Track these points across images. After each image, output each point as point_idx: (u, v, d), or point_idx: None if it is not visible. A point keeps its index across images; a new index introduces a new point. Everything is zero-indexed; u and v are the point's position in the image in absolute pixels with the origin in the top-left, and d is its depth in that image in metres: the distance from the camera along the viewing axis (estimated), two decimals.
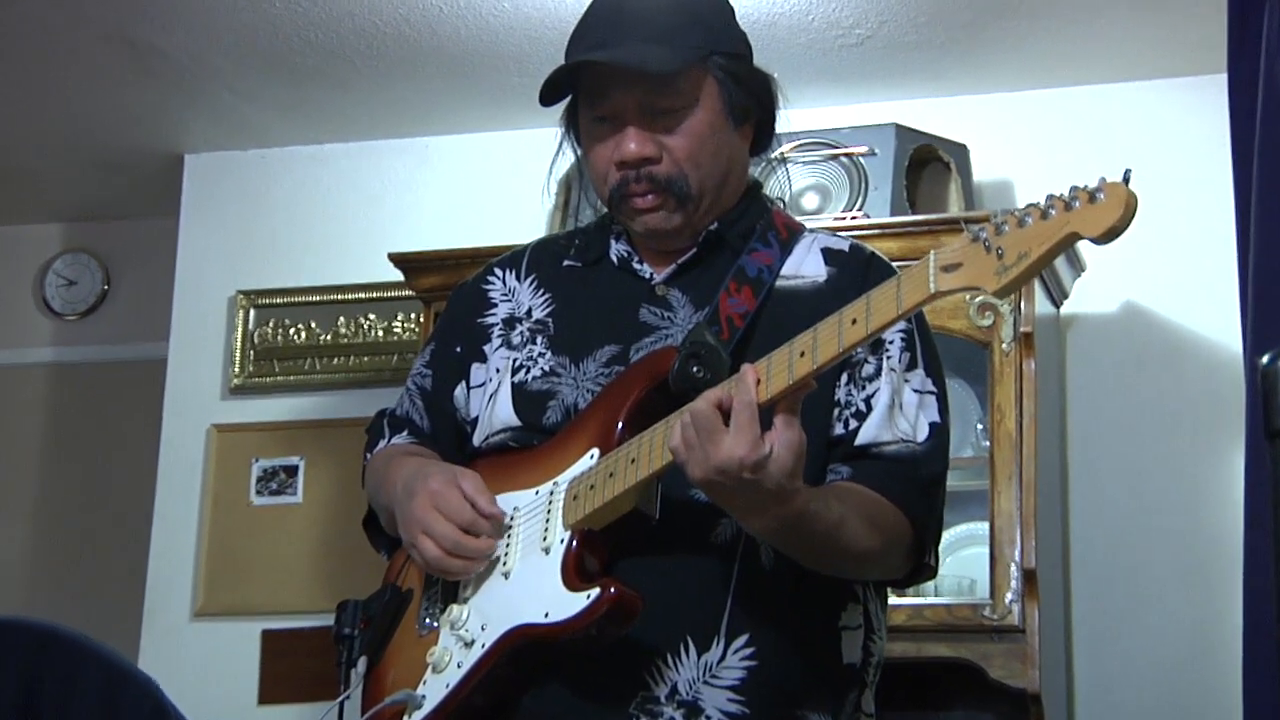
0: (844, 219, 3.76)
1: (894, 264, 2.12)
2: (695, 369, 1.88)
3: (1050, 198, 1.60)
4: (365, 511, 2.26)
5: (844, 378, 2.03)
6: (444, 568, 1.99)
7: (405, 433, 2.24)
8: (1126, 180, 1.56)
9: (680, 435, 1.79)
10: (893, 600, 3.51)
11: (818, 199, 3.89)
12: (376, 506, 2.21)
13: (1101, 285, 4.07)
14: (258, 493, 4.61)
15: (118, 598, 4.79)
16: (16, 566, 5.22)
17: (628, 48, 2.03)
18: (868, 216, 3.77)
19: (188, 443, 4.68)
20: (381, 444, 2.25)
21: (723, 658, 1.93)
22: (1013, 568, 3.49)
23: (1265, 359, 1.40)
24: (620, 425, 1.93)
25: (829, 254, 2.12)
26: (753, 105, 2.11)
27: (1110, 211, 1.55)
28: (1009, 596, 3.48)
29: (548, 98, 2.10)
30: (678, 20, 2.06)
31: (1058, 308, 4.03)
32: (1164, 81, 4.17)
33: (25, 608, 4.79)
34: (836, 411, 2.02)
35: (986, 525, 3.57)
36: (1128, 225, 1.55)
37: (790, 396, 1.77)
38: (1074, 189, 1.58)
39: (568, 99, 2.13)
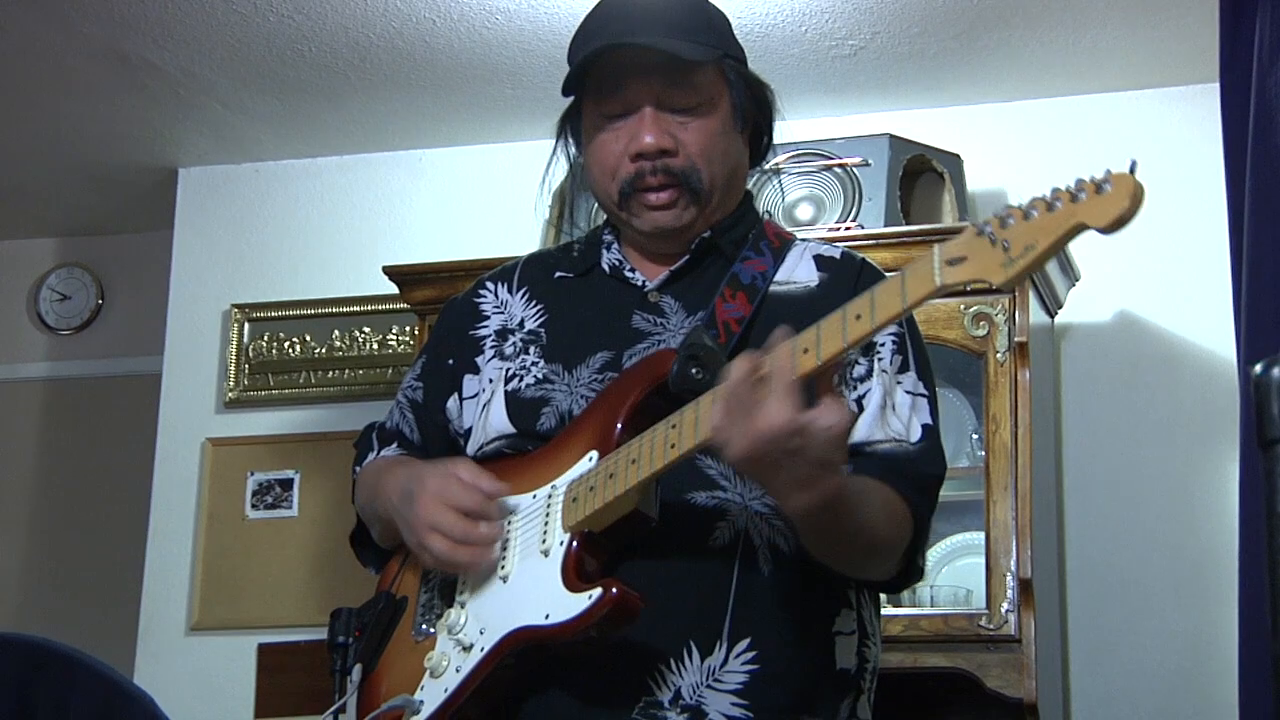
0: (838, 229, 3.76)
1: (887, 273, 2.11)
2: (694, 370, 1.87)
3: (1055, 190, 1.59)
4: (354, 526, 2.26)
5: (835, 379, 2.02)
6: (454, 560, 1.96)
7: (395, 445, 2.24)
8: (1133, 170, 1.55)
9: (723, 408, 1.73)
10: (889, 611, 3.55)
11: (812, 210, 3.89)
12: (368, 519, 2.20)
13: (1096, 295, 4.07)
14: (253, 506, 4.60)
15: (113, 612, 4.78)
16: (11, 581, 5.21)
17: (653, 37, 2.02)
18: (862, 227, 3.77)
19: (182, 457, 4.67)
20: (371, 456, 2.25)
21: (725, 661, 1.92)
22: (1009, 578, 3.49)
23: (1258, 368, 1.39)
24: (620, 427, 1.92)
25: (821, 260, 2.13)
26: (754, 112, 2.13)
27: (1117, 202, 1.54)
28: (1005, 606, 3.47)
29: (571, 86, 2.10)
30: (692, 18, 2.07)
31: (1052, 317, 4.03)
32: (1157, 91, 4.18)
33: (20, 623, 4.79)
34: None
35: (982, 535, 3.57)
36: (1135, 215, 1.54)
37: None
38: (1079, 181, 1.57)
39: (570, 102, 2.14)
